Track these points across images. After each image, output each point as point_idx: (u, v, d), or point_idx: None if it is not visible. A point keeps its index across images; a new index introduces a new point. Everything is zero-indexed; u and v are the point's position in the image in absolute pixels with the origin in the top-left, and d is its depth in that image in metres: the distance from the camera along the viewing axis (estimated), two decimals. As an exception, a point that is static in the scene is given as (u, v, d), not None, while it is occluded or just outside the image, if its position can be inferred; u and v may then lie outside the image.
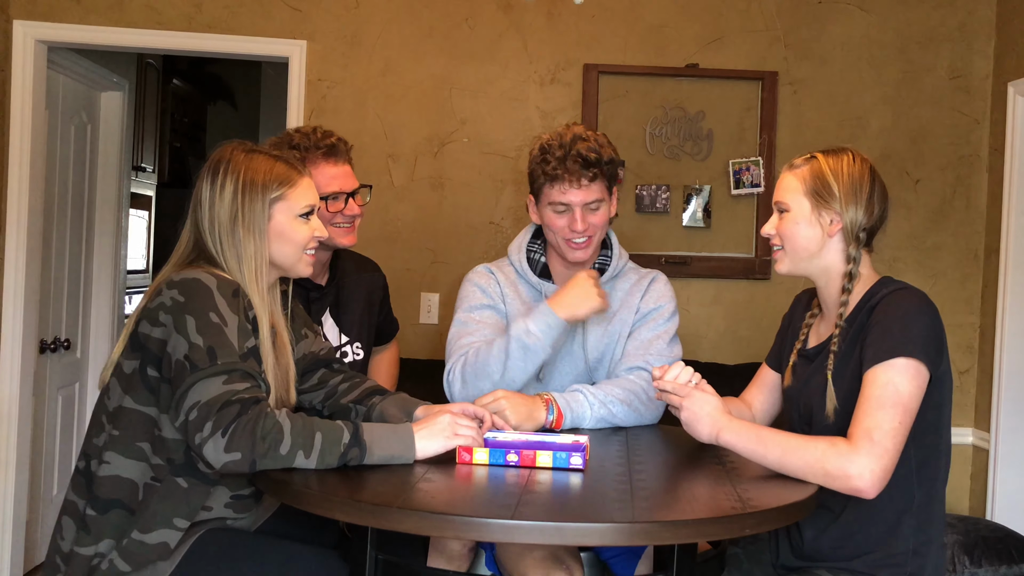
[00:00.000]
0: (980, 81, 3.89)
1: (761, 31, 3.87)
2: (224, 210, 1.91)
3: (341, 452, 1.75)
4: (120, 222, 4.64)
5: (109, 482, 1.85)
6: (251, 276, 1.90)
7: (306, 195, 1.98)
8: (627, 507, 1.61)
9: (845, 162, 2.00)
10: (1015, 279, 3.67)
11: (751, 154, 3.85)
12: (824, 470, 1.78)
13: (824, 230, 1.99)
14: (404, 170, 3.82)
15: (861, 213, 1.98)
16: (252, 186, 1.91)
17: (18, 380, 3.70)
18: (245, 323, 1.83)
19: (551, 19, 3.83)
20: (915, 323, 1.87)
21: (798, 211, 2.01)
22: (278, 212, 1.94)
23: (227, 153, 1.96)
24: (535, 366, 2.28)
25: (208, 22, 3.73)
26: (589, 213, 2.36)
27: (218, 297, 1.80)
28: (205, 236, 1.92)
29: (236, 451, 1.69)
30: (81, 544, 1.85)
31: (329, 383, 2.19)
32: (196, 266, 1.89)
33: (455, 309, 2.47)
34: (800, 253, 2.02)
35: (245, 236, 1.90)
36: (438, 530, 1.55)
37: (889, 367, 1.83)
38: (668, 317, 2.44)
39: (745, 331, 3.88)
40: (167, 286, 1.82)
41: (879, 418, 1.79)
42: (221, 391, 1.72)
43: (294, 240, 1.96)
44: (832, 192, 1.98)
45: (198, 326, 1.76)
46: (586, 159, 2.31)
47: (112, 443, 1.86)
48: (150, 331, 1.83)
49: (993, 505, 3.68)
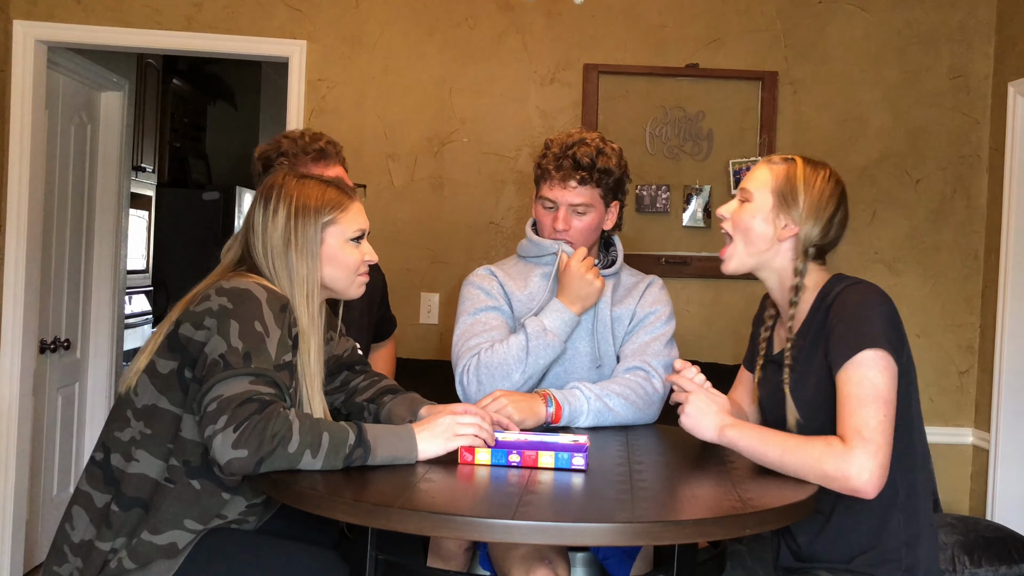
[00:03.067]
0: (980, 81, 3.89)
1: (761, 31, 3.87)
2: (277, 234, 1.94)
3: (347, 453, 1.76)
4: (120, 222, 4.64)
5: (136, 480, 1.86)
6: (302, 298, 1.93)
7: (357, 219, 2.01)
8: (627, 507, 1.61)
9: (820, 176, 2.00)
10: (1015, 279, 3.67)
11: (751, 154, 3.85)
12: (823, 471, 1.79)
13: (776, 232, 2.00)
14: (404, 170, 3.82)
15: (817, 230, 1.98)
16: (305, 211, 1.95)
17: (18, 380, 3.70)
18: (287, 338, 1.85)
19: (551, 19, 3.83)
20: (873, 314, 1.86)
21: (760, 204, 2.01)
22: (330, 236, 1.97)
23: (279, 179, 2.00)
24: (550, 362, 2.33)
25: (208, 22, 3.73)
26: (574, 215, 2.39)
27: (266, 309, 1.82)
28: (258, 259, 1.95)
29: (244, 448, 1.69)
30: (102, 539, 1.85)
31: (350, 385, 2.23)
32: (246, 275, 1.90)
33: (458, 313, 2.46)
34: (748, 247, 2.02)
35: (298, 260, 1.93)
36: (439, 530, 1.55)
37: (859, 364, 1.82)
38: (665, 320, 2.45)
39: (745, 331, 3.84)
40: (216, 292, 1.84)
41: (864, 416, 1.79)
42: (245, 389, 1.74)
43: (345, 263, 1.99)
44: (796, 200, 1.98)
45: (241, 332, 1.78)
46: (578, 162, 2.35)
47: (144, 442, 1.87)
48: (192, 334, 1.84)
49: (993, 505, 3.68)
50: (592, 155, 2.36)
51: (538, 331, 2.30)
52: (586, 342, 2.42)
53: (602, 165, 2.37)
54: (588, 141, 2.38)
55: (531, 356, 2.29)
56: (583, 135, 2.41)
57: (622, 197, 2.49)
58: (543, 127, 3.82)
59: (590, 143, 2.38)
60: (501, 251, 3.80)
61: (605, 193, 2.41)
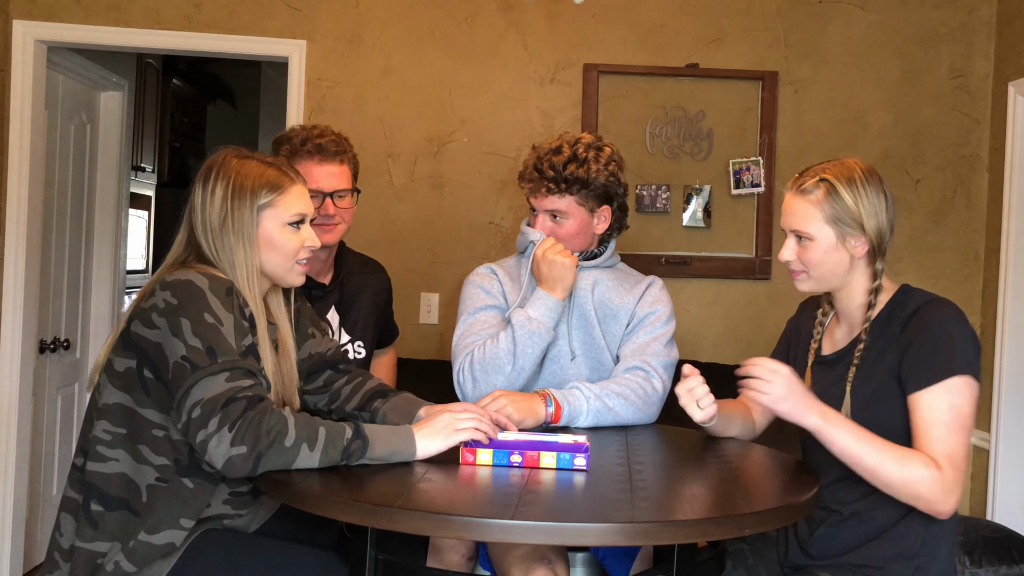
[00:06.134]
0: (980, 81, 3.89)
1: (761, 31, 3.87)
2: (215, 214, 1.90)
3: (344, 446, 1.75)
4: (120, 222, 4.64)
5: (116, 479, 1.85)
6: (243, 282, 1.89)
7: (296, 203, 1.95)
8: (627, 507, 1.61)
9: (858, 179, 1.96)
10: (1015, 279, 3.67)
11: (751, 154, 3.85)
12: (916, 492, 1.81)
13: (852, 254, 1.97)
14: (404, 170, 3.82)
15: (884, 227, 1.97)
16: (241, 191, 1.91)
17: (18, 380, 3.70)
18: (241, 321, 1.82)
19: (551, 19, 3.83)
20: (960, 338, 1.87)
21: (822, 241, 1.97)
22: (266, 219, 1.93)
23: (220, 158, 1.96)
24: (542, 350, 2.34)
25: (208, 22, 3.73)
26: (551, 221, 2.42)
27: (211, 297, 1.79)
28: (200, 239, 1.92)
29: (242, 445, 1.68)
30: (84, 539, 1.84)
31: (334, 386, 2.18)
32: (189, 266, 1.88)
33: (459, 312, 2.47)
34: (828, 278, 2.01)
35: (235, 242, 1.90)
36: (439, 530, 1.54)
37: (948, 389, 1.83)
38: (665, 320, 2.45)
39: (745, 331, 3.88)
40: (160, 287, 1.81)
41: (954, 444, 1.82)
42: (225, 388, 1.71)
43: (283, 249, 1.94)
44: (855, 217, 1.95)
45: (194, 328, 1.75)
46: (543, 173, 2.38)
47: (115, 441, 1.85)
48: (143, 331, 1.81)
49: (993, 505, 3.68)
50: (561, 165, 2.36)
51: (522, 321, 2.31)
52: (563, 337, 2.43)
53: (572, 174, 2.36)
54: (564, 149, 2.38)
55: (519, 347, 2.30)
56: (566, 141, 2.41)
57: (616, 201, 2.46)
58: (543, 127, 3.82)
59: (565, 151, 2.38)
60: (501, 251, 3.79)
61: (584, 200, 2.40)
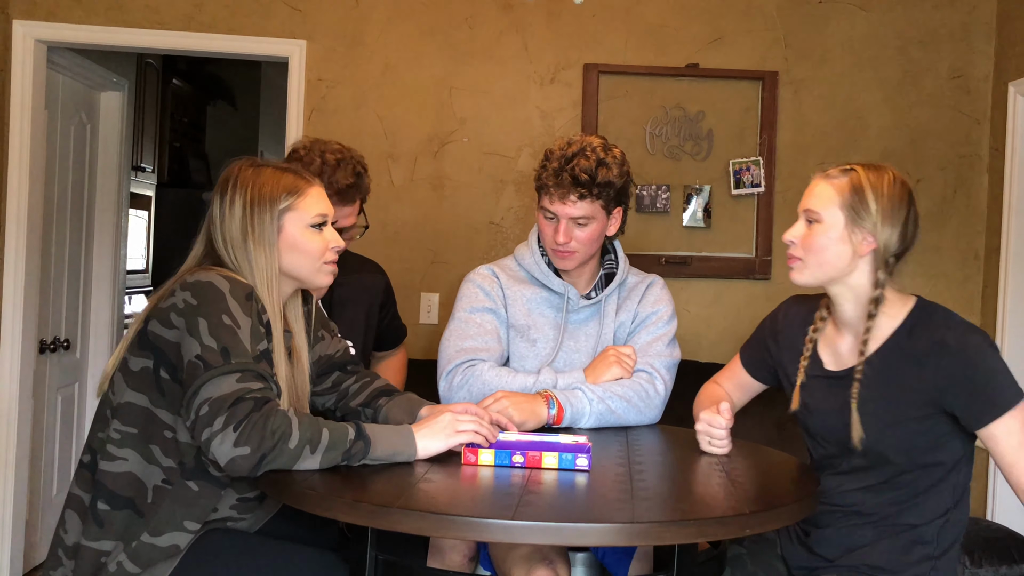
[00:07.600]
0: (980, 81, 3.89)
1: (761, 31, 3.87)
2: (235, 226, 1.92)
3: (346, 447, 1.75)
4: (120, 222, 4.63)
5: (124, 478, 1.85)
6: (263, 288, 1.90)
7: (316, 204, 1.97)
8: (627, 507, 1.61)
9: (886, 180, 1.92)
10: (1015, 279, 3.67)
11: (751, 154, 3.85)
12: None
13: (855, 249, 1.92)
14: (404, 170, 3.82)
15: (895, 237, 1.91)
16: (260, 199, 1.93)
17: (18, 380, 3.70)
18: (258, 326, 1.84)
19: (551, 19, 3.83)
20: (1003, 367, 1.87)
21: (831, 224, 1.91)
22: (288, 223, 1.94)
23: (235, 170, 1.98)
24: None
25: (208, 22, 3.73)
26: (575, 227, 2.34)
27: (231, 300, 1.80)
28: (220, 251, 1.93)
29: (245, 445, 1.68)
30: (89, 538, 1.85)
31: (342, 386, 2.21)
32: (211, 269, 1.89)
33: (454, 307, 2.45)
34: (825, 268, 1.94)
35: (256, 250, 1.91)
36: (439, 530, 1.54)
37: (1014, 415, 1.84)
38: (667, 320, 2.44)
39: (745, 331, 3.87)
40: (180, 287, 1.83)
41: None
42: (234, 388, 1.72)
43: (307, 250, 1.96)
44: (870, 210, 1.90)
45: (211, 328, 1.77)
46: (576, 178, 2.29)
47: (126, 440, 1.86)
48: (161, 331, 1.83)
49: (993, 505, 3.68)
50: (591, 169, 2.29)
51: (547, 383, 2.29)
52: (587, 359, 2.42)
53: (602, 179, 2.31)
54: (588, 153, 2.31)
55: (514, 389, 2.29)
56: (583, 144, 2.33)
57: (626, 203, 2.44)
58: (543, 127, 3.82)
59: (590, 155, 2.31)
60: (501, 251, 3.79)
61: (607, 203, 2.35)
